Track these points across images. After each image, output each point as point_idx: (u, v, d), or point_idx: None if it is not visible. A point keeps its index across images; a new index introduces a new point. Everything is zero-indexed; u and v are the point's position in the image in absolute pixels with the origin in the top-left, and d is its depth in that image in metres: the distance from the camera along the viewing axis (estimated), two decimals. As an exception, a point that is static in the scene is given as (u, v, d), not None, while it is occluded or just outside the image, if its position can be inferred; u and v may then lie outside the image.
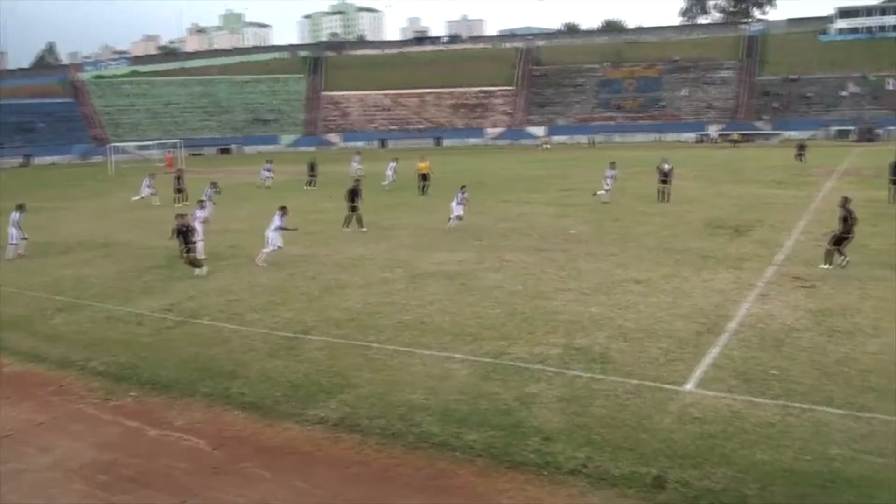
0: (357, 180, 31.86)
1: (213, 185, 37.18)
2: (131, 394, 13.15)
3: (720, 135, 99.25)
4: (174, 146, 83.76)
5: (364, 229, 29.20)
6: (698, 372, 13.06)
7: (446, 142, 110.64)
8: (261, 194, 45.30)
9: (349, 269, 22.33)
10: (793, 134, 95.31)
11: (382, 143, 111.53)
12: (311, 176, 49.80)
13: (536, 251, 24.28)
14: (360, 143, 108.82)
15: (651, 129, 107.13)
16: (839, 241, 21.11)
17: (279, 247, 23.54)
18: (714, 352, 14.09)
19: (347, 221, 29.67)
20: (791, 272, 20.44)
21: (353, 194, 29.84)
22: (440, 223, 30.34)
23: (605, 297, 18.20)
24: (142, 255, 25.66)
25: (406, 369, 13.61)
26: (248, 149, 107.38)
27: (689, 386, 12.46)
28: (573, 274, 20.90)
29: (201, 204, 26.79)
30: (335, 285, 20.34)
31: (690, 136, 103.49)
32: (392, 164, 47.62)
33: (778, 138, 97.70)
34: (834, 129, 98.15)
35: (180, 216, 22.27)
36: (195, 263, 22.05)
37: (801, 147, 60.32)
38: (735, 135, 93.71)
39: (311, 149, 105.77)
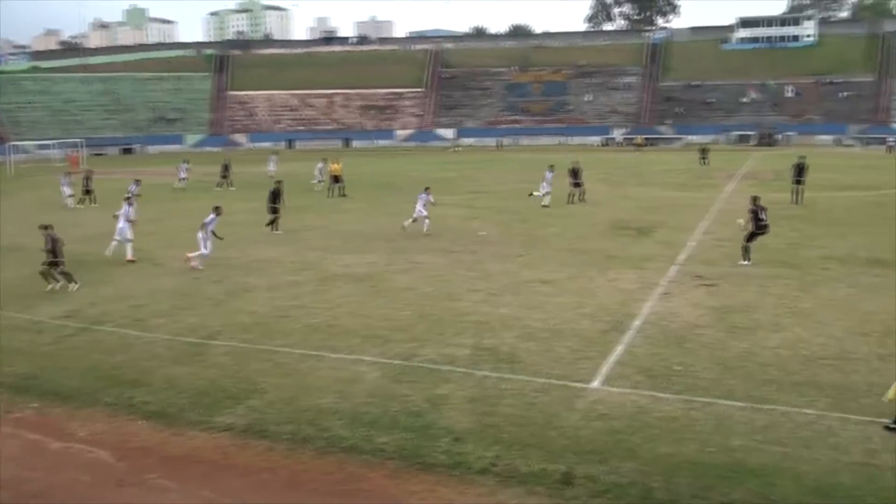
0: (279, 182, 31.35)
1: (137, 182, 36.05)
2: (32, 405, 12.62)
3: (625, 139, 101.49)
4: (75, 146, 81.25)
5: (278, 231, 28.80)
6: (604, 369, 13.31)
7: (355, 143, 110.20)
8: (170, 195, 44.23)
9: (256, 272, 21.99)
10: (694, 138, 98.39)
11: (290, 144, 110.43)
12: (223, 177, 48.73)
13: (446, 253, 24.36)
14: (266, 144, 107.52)
15: (557, 132, 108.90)
16: (751, 236, 22.37)
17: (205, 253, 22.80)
18: (619, 349, 14.38)
19: (274, 223, 29.11)
20: (693, 271, 21.02)
21: (275, 196, 29.34)
22: (349, 225, 30.18)
23: (513, 298, 18.38)
24: (42, 260, 24.66)
25: (314, 373, 13.46)
26: (151, 149, 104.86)
27: (595, 383, 12.68)
28: (482, 275, 21.05)
29: (129, 201, 25.82)
30: (241, 289, 19.99)
31: (596, 139, 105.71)
32: (319, 166, 47.33)
33: (680, 142, 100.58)
34: (735, 133, 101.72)
35: (44, 227, 21.03)
36: (65, 277, 20.62)
37: (704, 150, 62.41)
38: (639, 139, 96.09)
39: (217, 149, 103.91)
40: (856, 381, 12.43)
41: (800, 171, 35.96)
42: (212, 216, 23.30)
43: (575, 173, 37.57)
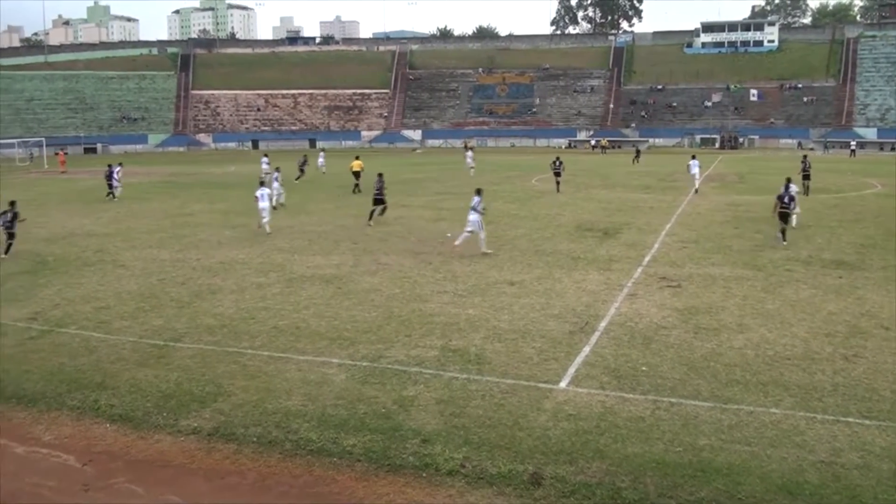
0: (380, 174, 33.21)
1: (278, 169, 38.67)
2: (-5, 409, 12.43)
3: (596, 141, 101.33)
4: (37, 144, 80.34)
5: (370, 223, 30.58)
6: (571, 370, 13.36)
7: (321, 143, 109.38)
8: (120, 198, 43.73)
9: (221, 274, 21.79)
10: (658, 141, 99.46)
11: (255, 145, 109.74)
12: (301, 171, 51.77)
13: (413, 254, 24.32)
14: (231, 144, 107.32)
15: (523, 133, 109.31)
16: (783, 216, 25.56)
17: (471, 231, 24.28)
18: (586, 350, 14.45)
19: (372, 215, 31.33)
20: (658, 273, 21.18)
21: (380, 189, 31.71)
22: (315, 226, 30.08)
23: (480, 299, 18.39)
24: (4, 261, 24.29)
25: (282, 375, 13.37)
26: (114, 148, 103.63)
27: (562, 384, 12.73)
28: (449, 276, 21.04)
29: (264, 184, 31.06)
30: (207, 291, 19.80)
31: (561, 141, 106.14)
32: (469, 153, 57.30)
33: (645, 145, 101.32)
34: (699, 137, 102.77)
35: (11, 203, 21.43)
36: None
37: (638, 152, 72.44)
38: (604, 141, 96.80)
39: (181, 149, 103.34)
40: (821, 381, 12.61)
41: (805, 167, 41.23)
42: (477, 198, 24.32)
43: (556, 164, 44.74)
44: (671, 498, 9.13)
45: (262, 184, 31.11)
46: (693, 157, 43.88)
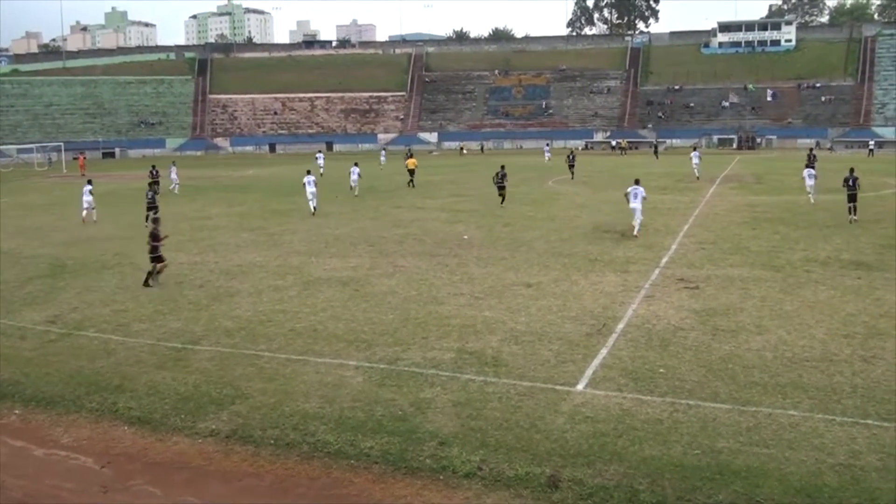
0: (503, 166, 38.32)
1: (356, 164, 44.28)
2: (15, 412, 12.52)
3: (617, 142, 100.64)
4: (56, 149, 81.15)
5: (503, 204, 35.94)
6: (588, 372, 13.32)
7: (337, 147, 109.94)
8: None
9: (239, 277, 21.88)
10: (676, 142, 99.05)
11: (272, 148, 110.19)
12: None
13: (430, 256, 24.33)
14: (249, 148, 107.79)
15: (540, 135, 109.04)
16: (851, 198, 29.68)
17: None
18: (603, 352, 14.40)
19: (503, 198, 36.58)
20: (676, 274, 21.09)
21: (503, 177, 36.90)
22: (332, 228, 30.12)
23: (497, 301, 18.38)
24: (24, 264, 24.50)
25: (299, 378, 13.41)
26: (132, 152, 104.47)
27: (580, 386, 12.69)
28: (465, 279, 21.04)
29: (310, 172, 37.18)
30: (224, 294, 19.89)
31: (578, 142, 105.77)
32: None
33: (663, 146, 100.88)
34: (716, 137, 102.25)
35: (155, 219, 22.25)
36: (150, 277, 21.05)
37: (656, 148, 79.42)
38: (623, 142, 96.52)
39: (199, 153, 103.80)
40: (839, 383, 12.51)
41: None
42: (641, 189, 28.02)
43: (570, 158, 53.45)
44: (689, 501, 9.09)
45: (308, 172, 36.92)
46: (694, 149, 56.42)
